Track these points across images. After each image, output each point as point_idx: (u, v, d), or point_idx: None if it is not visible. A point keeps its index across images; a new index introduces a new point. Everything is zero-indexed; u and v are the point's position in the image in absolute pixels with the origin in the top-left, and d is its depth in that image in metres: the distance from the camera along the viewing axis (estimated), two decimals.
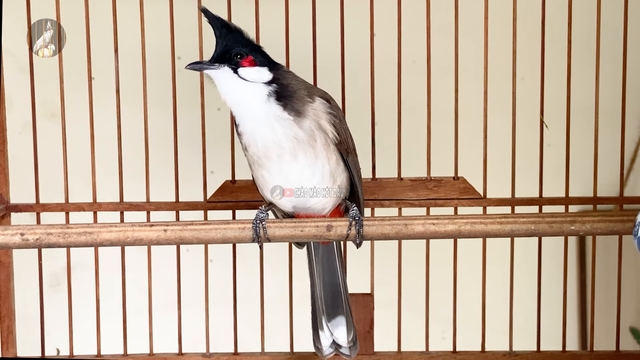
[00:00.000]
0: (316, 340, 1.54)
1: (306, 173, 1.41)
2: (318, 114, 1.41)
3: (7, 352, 1.67)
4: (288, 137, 1.39)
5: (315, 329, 1.54)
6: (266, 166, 1.41)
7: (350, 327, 1.54)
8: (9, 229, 1.39)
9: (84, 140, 1.63)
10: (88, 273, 1.68)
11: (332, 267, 1.53)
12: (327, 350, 1.54)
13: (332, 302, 1.54)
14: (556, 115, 1.61)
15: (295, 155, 1.40)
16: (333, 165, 1.43)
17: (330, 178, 1.43)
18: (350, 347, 1.54)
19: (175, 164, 1.63)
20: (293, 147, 1.39)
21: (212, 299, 1.67)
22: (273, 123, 1.39)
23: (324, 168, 1.42)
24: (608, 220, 1.39)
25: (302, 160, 1.40)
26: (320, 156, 1.41)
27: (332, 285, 1.54)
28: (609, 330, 1.71)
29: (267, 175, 1.42)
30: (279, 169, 1.41)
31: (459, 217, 1.41)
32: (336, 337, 1.54)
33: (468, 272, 1.66)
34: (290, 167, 1.41)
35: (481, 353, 1.68)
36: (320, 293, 1.53)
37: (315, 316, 1.54)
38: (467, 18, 1.61)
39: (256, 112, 1.40)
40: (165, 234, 1.40)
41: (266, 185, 1.43)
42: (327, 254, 1.53)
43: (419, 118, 1.62)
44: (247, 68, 1.41)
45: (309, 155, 1.40)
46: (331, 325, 1.54)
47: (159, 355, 1.69)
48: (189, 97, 1.64)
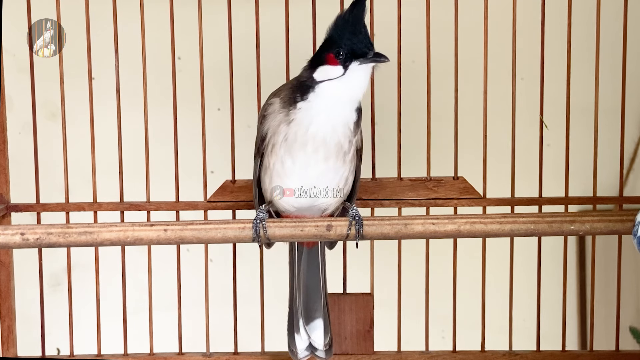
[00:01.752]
0: (291, 343, 1.55)
1: (329, 175, 1.42)
2: (361, 128, 1.44)
3: (8, 352, 1.67)
4: (336, 142, 1.40)
5: (291, 331, 1.54)
6: (295, 154, 1.40)
7: (327, 330, 1.54)
8: (9, 228, 1.40)
9: (84, 140, 1.63)
10: (88, 273, 1.68)
11: (314, 271, 1.54)
12: (302, 353, 1.55)
13: (311, 305, 1.54)
14: (556, 115, 1.61)
15: (328, 159, 1.40)
16: (352, 171, 1.45)
17: (344, 181, 1.44)
18: (326, 350, 1.55)
19: (175, 163, 1.63)
20: (334, 151, 1.40)
21: (212, 299, 1.67)
22: (339, 125, 1.40)
23: (344, 173, 1.43)
24: (607, 220, 1.39)
25: (330, 164, 1.41)
26: (347, 163, 1.43)
27: (312, 288, 1.54)
28: (608, 330, 1.71)
29: (290, 164, 1.41)
30: (307, 162, 1.40)
31: (458, 217, 1.41)
32: (313, 340, 1.54)
33: (468, 272, 1.66)
34: (317, 166, 1.41)
35: (481, 353, 1.68)
36: (300, 296, 1.53)
37: (292, 319, 1.54)
38: (467, 18, 1.61)
39: (343, 109, 1.41)
40: (165, 233, 1.40)
41: (282, 175, 1.42)
42: (311, 257, 1.53)
43: (419, 118, 1.62)
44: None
45: (338, 162, 1.41)
46: (309, 328, 1.54)
47: (159, 355, 1.69)
48: (189, 97, 1.64)
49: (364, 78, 1.42)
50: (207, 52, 1.60)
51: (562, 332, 1.68)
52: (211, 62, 1.62)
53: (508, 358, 1.67)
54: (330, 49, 1.42)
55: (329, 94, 1.41)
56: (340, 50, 1.41)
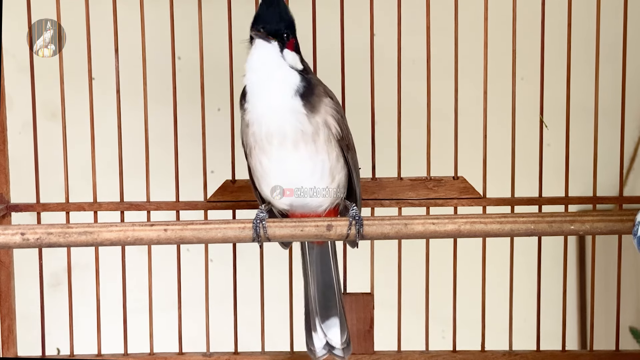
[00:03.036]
0: (309, 342, 1.54)
1: (307, 165, 1.41)
2: (327, 109, 1.42)
3: (8, 352, 1.67)
4: (294, 128, 1.39)
5: (309, 330, 1.54)
6: (267, 151, 1.40)
7: (344, 329, 1.53)
8: (10, 228, 1.40)
9: (84, 140, 1.63)
10: (88, 273, 1.68)
11: (327, 268, 1.53)
12: (320, 351, 1.53)
13: (326, 303, 1.53)
14: (556, 115, 1.61)
15: (296, 145, 1.39)
16: (333, 161, 1.43)
17: (329, 175, 1.43)
18: (344, 348, 1.54)
19: (175, 163, 1.63)
20: (296, 137, 1.39)
21: (212, 299, 1.67)
22: (286, 113, 1.39)
23: (324, 163, 1.42)
24: (608, 220, 1.39)
25: (302, 151, 1.40)
26: (321, 150, 1.41)
27: (326, 286, 1.53)
28: (608, 330, 1.71)
29: (267, 162, 1.41)
30: (279, 156, 1.40)
31: (458, 217, 1.41)
32: (330, 338, 1.53)
33: (468, 272, 1.66)
34: (291, 156, 1.40)
35: (481, 352, 1.68)
36: (315, 294, 1.53)
37: (309, 317, 1.54)
38: (467, 18, 1.61)
39: (276, 98, 1.39)
40: (165, 233, 1.40)
41: (264, 175, 1.42)
42: (322, 254, 1.53)
43: (419, 118, 1.62)
44: (290, 51, 1.41)
45: (309, 147, 1.40)
46: (325, 327, 1.53)
47: (159, 355, 1.69)
48: (189, 97, 1.64)
49: (256, 54, 1.41)
50: (207, 52, 1.60)
51: (562, 332, 1.68)
52: (211, 62, 1.62)
53: (508, 358, 1.67)
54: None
55: (253, 84, 1.41)
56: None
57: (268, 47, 1.40)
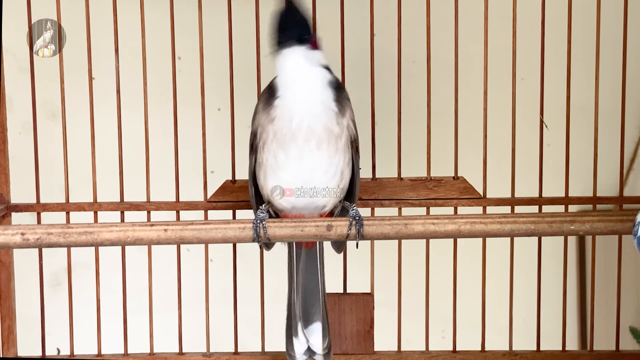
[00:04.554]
0: (289, 347, 1.53)
1: (323, 165, 1.41)
2: (350, 112, 1.44)
3: (8, 352, 1.67)
4: (325, 128, 1.40)
5: (289, 335, 1.53)
6: (286, 147, 1.40)
7: (325, 334, 1.53)
8: (10, 228, 1.40)
9: (84, 140, 1.63)
10: (88, 273, 1.68)
11: (313, 273, 1.53)
12: (300, 357, 1.53)
13: (309, 308, 1.53)
14: (556, 115, 1.61)
15: (320, 144, 1.40)
16: (346, 162, 1.44)
17: (340, 175, 1.43)
18: (325, 354, 1.54)
19: (175, 163, 1.63)
20: (322, 137, 1.39)
21: (212, 299, 1.67)
22: (319, 109, 1.40)
23: (338, 164, 1.42)
24: (608, 220, 1.39)
25: (324, 150, 1.40)
26: (340, 152, 1.42)
27: (311, 291, 1.53)
28: (608, 330, 1.71)
29: (284, 157, 1.41)
30: (300, 153, 1.40)
31: (458, 217, 1.41)
32: (312, 343, 1.53)
33: (468, 272, 1.66)
34: (311, 154, 1.40)
35: (481, 353, 1.68)
36: (298, 299, 1.53)
37: (290, 322, 1.53)
38: (467, 18, 1.61)
39: (310, 93, 1.41)
40: (165, 233, 1.40)
41: (276, 170, 1.42)
42: (309, 259, 1.53)
43: (419, 118, 1.62)
44: (315, 50, 1.44)
45: (331, 148, 1.41)
46: (307, 332, 1.53)
47: (159, 355, 1.69)
48: (189, 97, 1.64)
49: (286, 60, 1.43)
50: (207, 52, 1.60)
51: (562, 332, 1.68)
52: (211, 62, 1.62)
53: (508, 358, 1.67)
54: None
55: (287, 82, 1.42)
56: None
57: (296, 51, 1.42)
